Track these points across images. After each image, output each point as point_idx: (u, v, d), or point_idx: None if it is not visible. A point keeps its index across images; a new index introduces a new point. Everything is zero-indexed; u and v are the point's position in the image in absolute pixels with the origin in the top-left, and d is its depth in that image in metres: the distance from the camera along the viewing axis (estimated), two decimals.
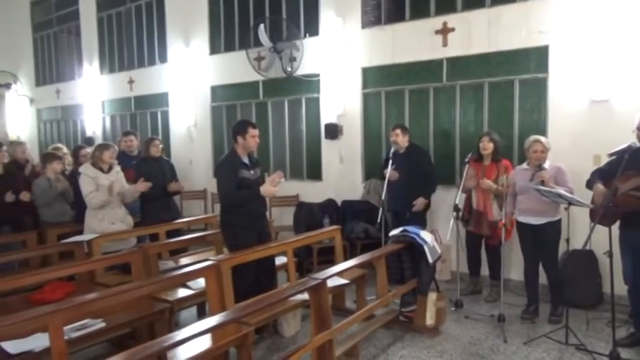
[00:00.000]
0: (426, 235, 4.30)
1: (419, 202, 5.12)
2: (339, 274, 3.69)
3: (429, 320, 4.09)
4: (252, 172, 4.08)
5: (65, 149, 6.33)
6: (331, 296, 3.82)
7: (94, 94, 9.80)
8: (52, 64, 10.95)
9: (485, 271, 5.15)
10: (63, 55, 10.70)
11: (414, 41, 5.95)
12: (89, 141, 9.38)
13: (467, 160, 4.78)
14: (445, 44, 5.71)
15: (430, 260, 4.14)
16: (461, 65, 5.69)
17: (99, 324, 3.13)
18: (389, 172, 5.02)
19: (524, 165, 4.46)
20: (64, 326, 2.55)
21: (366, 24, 6.40)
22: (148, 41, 8.95)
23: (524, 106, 5.37)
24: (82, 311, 2.77)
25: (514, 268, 5.26)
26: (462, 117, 5.78)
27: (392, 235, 4.38)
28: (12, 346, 2.74)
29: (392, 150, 5.22)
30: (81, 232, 4.76)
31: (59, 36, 10.70)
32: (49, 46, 10.94)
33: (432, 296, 4.13)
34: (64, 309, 2.52)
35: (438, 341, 4.00)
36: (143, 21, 9.00)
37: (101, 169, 4.80)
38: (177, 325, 3.91)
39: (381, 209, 4.99)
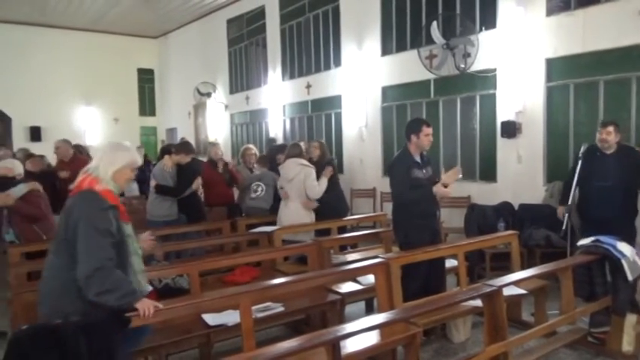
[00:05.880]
0: (624, 247, 3.72)
1: None
2: (516, 283, 3.43)
3: (627, 346, 3.54)
4: (424, 171, 4.03)
5: (254, 149, 7.06)
6: (505, 306, 3.57)
7: (276, 98, 10.79)
8: (242, 74, 12.35)
9: None
10: (251, 65, 12.00)
11: (611, 25, 5.21)
12: (272, 142, 10.36)
13: None
14: None
15: (630, 277, 3.57)
16: None
17: (279, 307, 3.43)
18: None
19: None
20: (252, 306, 2.86)
21: (551, 11, 5.82)
22: (324, 47, 9.50)
23: None
24: (267, 294, 3.07)
25: None
26: None
27: (581, 245, 3.90)
28: (210, 319, 3.18)
29: (582, 149, 4.60)
30: (266, 224, 5.26)
31: (249, 48, 12.02)
32: (241, 58, 12.36)
33: (632, 318, 3.56)
34: (253, 291, 2.84)
35: None
36: (320, 28, 9.58)
37: None
38: (346, 318, 4.07)
39: (567, 215, 4.47)
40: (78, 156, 6.64)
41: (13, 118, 13.65)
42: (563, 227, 4.47)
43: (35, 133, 13.73)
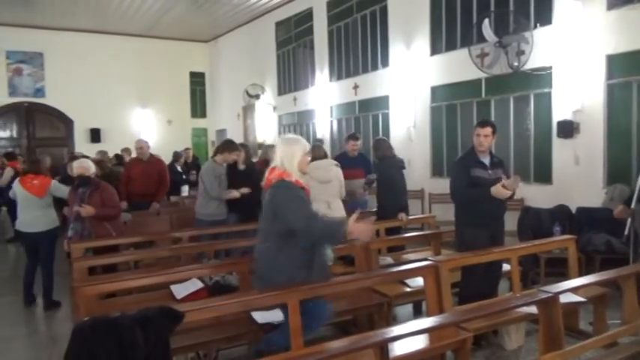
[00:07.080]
0: None
1: None
2: (574, 289, 3.27)
3: None
4: (490, 171, 3.89)
5: None
6: (562, 313, 3.42)
7: (323, 99, 10.83)
8: (290, 76, 12.49)
9: None
10: (299, 66, 12.11)
11: None
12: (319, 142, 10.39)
13: None
14: None
15: None
16: None
17: None
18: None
19: None
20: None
21: (612, 4, 5.54)
22: (372, 47, 9.45)
23: None
24: (314, 294, 3.07)
25: None
26: None
27: None
28: (259, 316, 3.22)
29: None
30: None
31: (296, 50, 12.14)
32: (289, 60, 12.50)
33: None
34: (301, 290, 2.85)
35: None
36: (368, 29, 9.54)
37: None
38: (394, 320, 4.03)
39: (629, 220, 4.23)
40: (154, 156, 6.95)
41: (75, 121, 14.45)
42: (626, 232, 4.23)
43: (95, 135, 14.46)
